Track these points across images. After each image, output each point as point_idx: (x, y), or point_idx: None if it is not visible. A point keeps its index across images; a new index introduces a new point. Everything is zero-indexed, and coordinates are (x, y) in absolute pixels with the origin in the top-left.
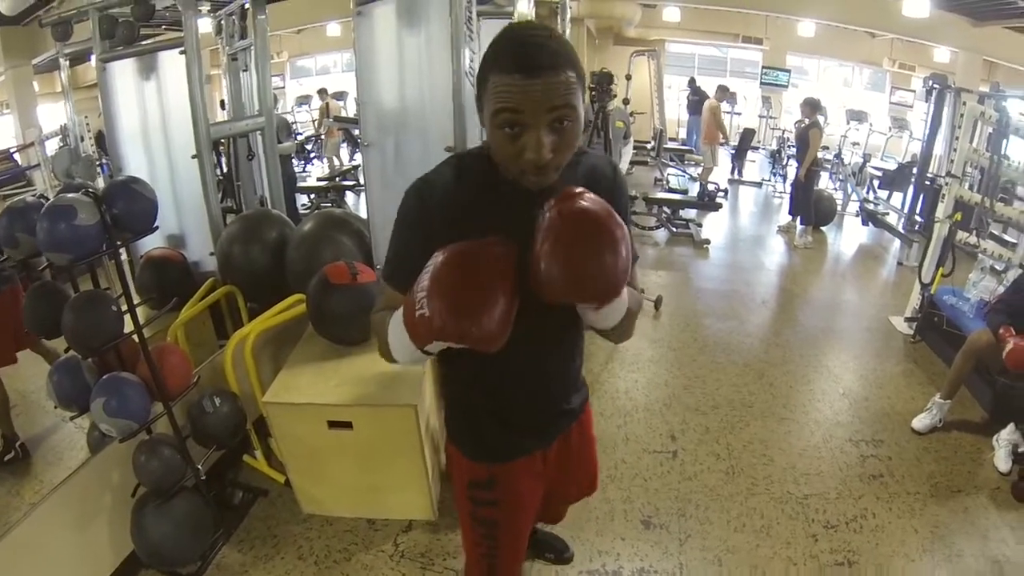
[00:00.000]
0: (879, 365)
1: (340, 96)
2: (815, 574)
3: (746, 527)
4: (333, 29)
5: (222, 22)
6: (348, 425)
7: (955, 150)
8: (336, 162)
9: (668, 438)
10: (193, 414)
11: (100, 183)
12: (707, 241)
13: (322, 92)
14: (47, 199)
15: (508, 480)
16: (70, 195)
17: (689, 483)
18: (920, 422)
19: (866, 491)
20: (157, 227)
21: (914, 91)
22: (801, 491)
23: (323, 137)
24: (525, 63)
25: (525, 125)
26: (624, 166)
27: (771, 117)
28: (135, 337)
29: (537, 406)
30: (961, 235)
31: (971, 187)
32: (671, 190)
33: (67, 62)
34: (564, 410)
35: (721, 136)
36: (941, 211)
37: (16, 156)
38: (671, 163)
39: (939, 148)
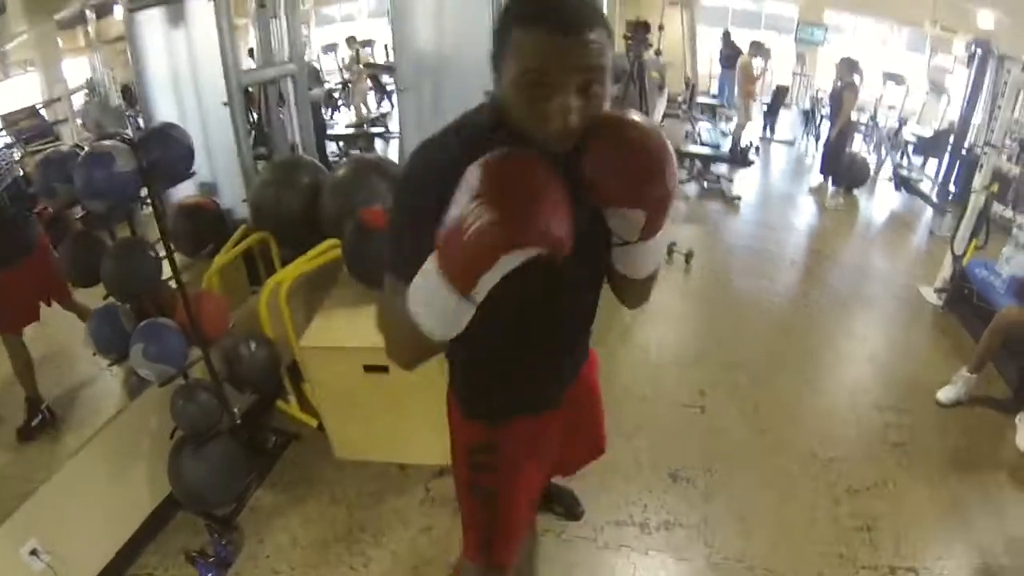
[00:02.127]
0: (906, 334)
1: (368, 44)
2: (835, 537)
3: (770, 486)
4: None
5: None
6: (384, 369)
7: (996, 119)
8: (364, 110)
9: (697, 393)
10: (229, 359)
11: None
12: (738, 197)
13: (350, 40)
14: (82, 149)
15: (510, 444)
16: (107, 143)
17: (716, 439)
18: (945, 394)
19: (888, 459)
20: (194, 172)
21: (955, 56)
22: (826, 453)
23: (351, 84)
24: (556, 19)
25: (552, 87)
26: (657, 118)
27: (805, 75)
28: (172, 284)
29: (550, 375)
30: (997, 208)
31: (1010, 159)
32: (703, 144)
33: (93, 15)
34: (572, 377)
35: (755, 92)
36: (978, 181)
37: (43, 112)
38: (702, 117)
39: (978, 116)
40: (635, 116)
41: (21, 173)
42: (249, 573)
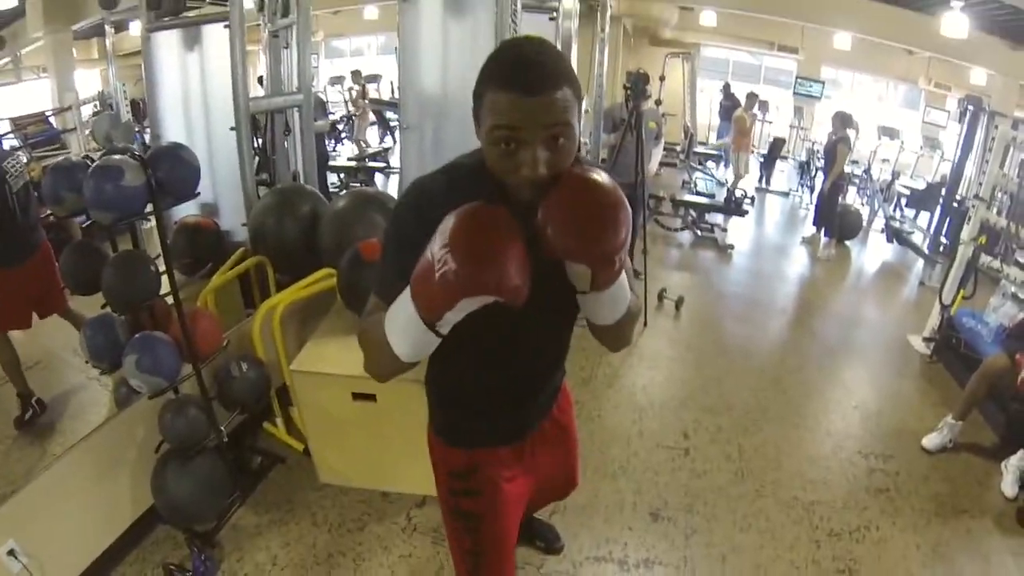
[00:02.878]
0: (894, 382)
1: (374, 79)
2: None
3: (751, 527)
4: (370, 12)
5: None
6: (372, 398)
7: (985, 173)
8: (365, 144)
9: (681, 435)
10: (220, 377)
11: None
12: (731, 246)
13: (356, 74)
14: (92, 160)
15: (489, 468)
16: (117, 157)
17: (699, 480)
18: (930, 441)
19: (871, 504)
20: (199, 193)
21: (948, 111)
22: (808, 497)
23: (355, 119)
24: (522, 81)
25: (521, 141)
26: (653, 166)
27: (802, 128)
28: (169, 298)
29: (519, 408)
30: (985, 259)
31: (999, 212)
32: (698, 193)
33: (112, 29)
34: (543, 413)
35: (749, 145)
36: (966, 233)
37: (52, 119)
38: (699, 166)
39: (969, 170)
40: (596, 175)
41: (27, 178)
42: None
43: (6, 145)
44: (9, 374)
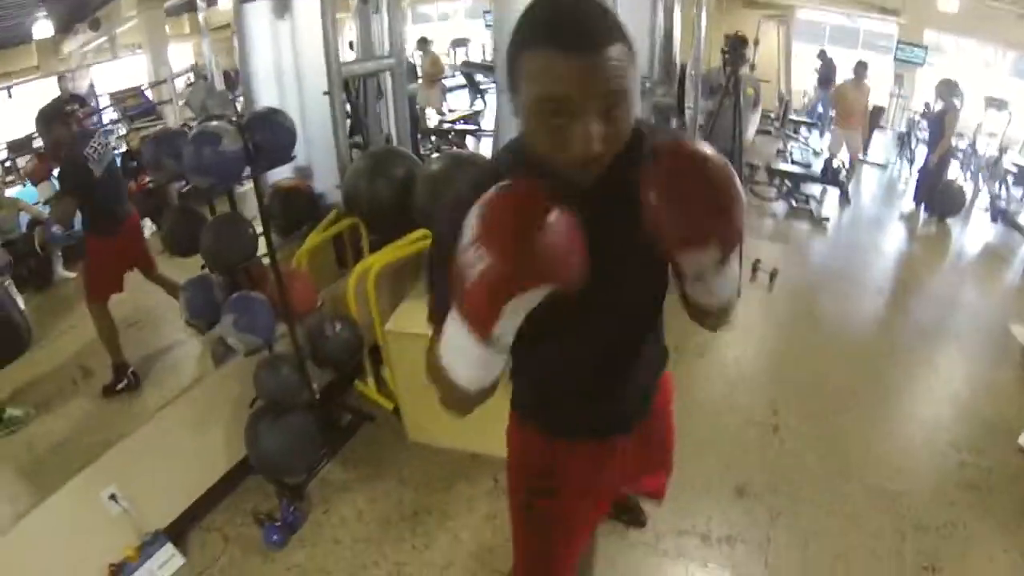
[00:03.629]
0: (991, 372)
1: (462, 43)
2: (897, 573)
3: (836, 512)
4: None
5: None
6: None
7: None
8: (431, 113)
9: (771, 411)
10: (313, 336)
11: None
12: (826, 219)
13: (421, 42)
14: (190, 127)
15: (571, 467)
16: (215, 123)
17: (786, 460)
18: None
19: (960, 499)
20: (295, 156)
21: None
22: (894, 487)
23: (421, 88)
24: (571, 37)
25: (572, 114)
26: (750, 134)
27: (902, 96)
28: (266, 259)
29: (607, 399)
30: None
31: None
32: (794, 162)
33: (204, 3)
34: (636, 411)
35: (852, 122)
36: None
37: (148, 93)
38: (795, 134)
39: None
40: (699, 146)
41: (124, 148)
42: (312, 539)
43: (106, 119)
44: (107, 344)
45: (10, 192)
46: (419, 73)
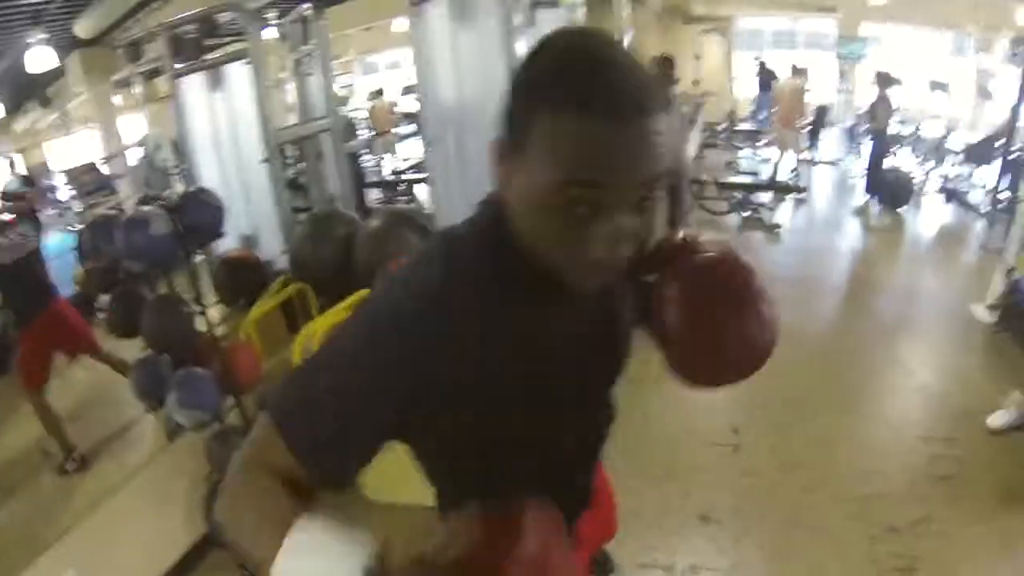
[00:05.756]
0: (956, 357)
1: (412, 89)
2: None
3: (803, 526)
4: (400, 24)
5: (286, 30)
6: None
7: None
8: (390, 160)
9: (730, 431)
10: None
11: (180, 188)
12: (778, 225)
13: (373, 94)
14: (122, 211)
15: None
16: (146, 208)
17: (748, 479)
18: (997, 419)
19: (933, 493)
20: (224, 233)
21: (1000, 57)
22: (863, 490)
23: (376, 137)
24: (616, 99)
25: (603, 205)
26: (692, 151)
27: (848, 91)
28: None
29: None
30: None
31: None
32: (742, 172)
33: (142, 79)
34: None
35: (793, 121)
36: None
37: (104, 167)
38: (743, 144)
39: None
40: (723, 253)
41: (81, 226)
42: None
43: (63, 197)
44: (49, 429)
45: None
46: (364, 127)
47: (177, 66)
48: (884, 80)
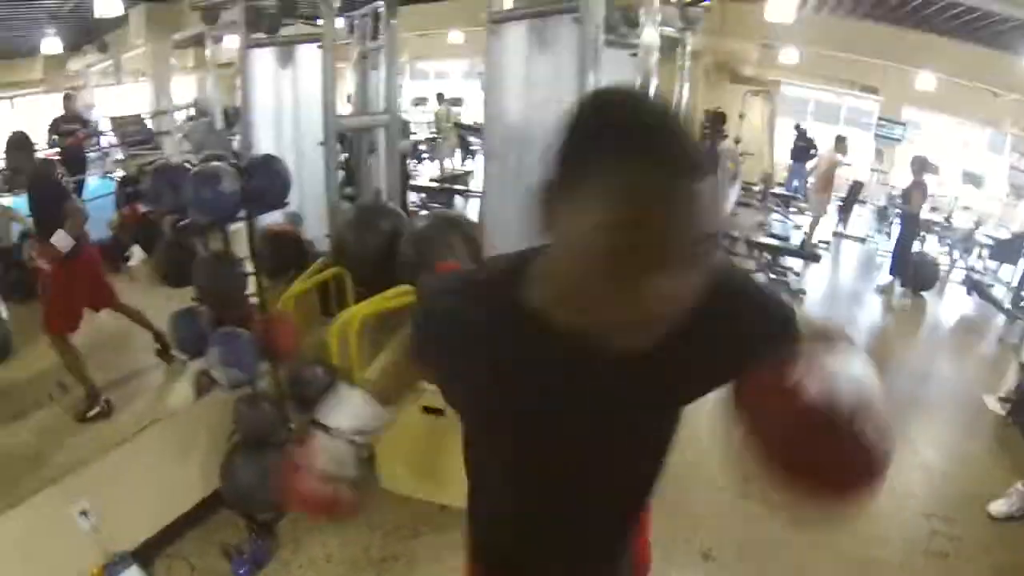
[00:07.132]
0: (964, 442)
1: (457, 102)
2: None
3: None
4: (455, 37)
5: (355, 22)
6: (441, 412)
7: None
8: (448, 164)
9: (742, 480)
10: (294, 378)
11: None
12: (803, 291)
13: (440, 96)
14: (190, 164)
15: None
16: (216, 163)
17: (754, 525)
18: (998, 508)
19: (928, 568)
20: (288, 202)
21: None
22: (864, 554)
23: (439, 140)
24: (677, 155)
25: (648, 258)
26: (729, 207)
27: (882, 171)
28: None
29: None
30: None
31: None
32: (773, 235)
33: (212, 42)
34: None
35: (828, 188)
36: None
37: (148, 122)
38: (777, 208)
39: None
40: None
41: (122, 174)
42: None
43: (103, 143)
44: (73, 372)
45: (3, 201)
46: (412, 130)
47: (254, 36)
48: (922, 165)
